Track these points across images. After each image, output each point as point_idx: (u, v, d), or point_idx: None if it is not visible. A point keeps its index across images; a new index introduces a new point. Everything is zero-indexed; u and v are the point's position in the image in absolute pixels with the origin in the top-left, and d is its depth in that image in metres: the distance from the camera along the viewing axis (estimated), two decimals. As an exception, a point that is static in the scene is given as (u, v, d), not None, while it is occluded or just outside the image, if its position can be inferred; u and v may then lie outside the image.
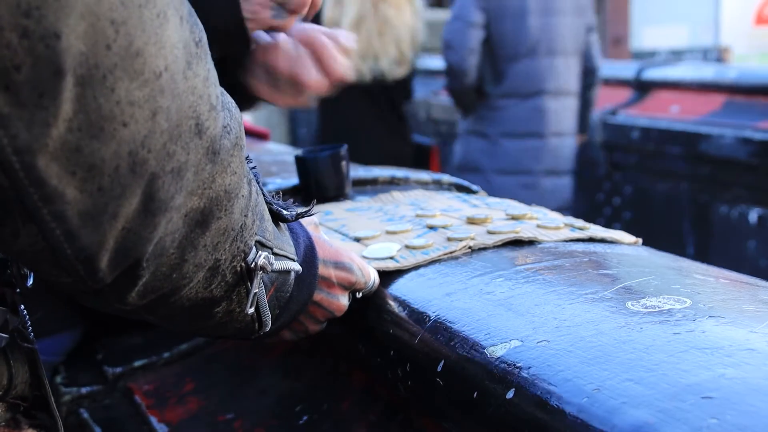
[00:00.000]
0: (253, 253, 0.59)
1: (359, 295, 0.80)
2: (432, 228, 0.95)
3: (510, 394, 0.59)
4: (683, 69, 4.12)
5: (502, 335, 0.65)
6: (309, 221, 0.76)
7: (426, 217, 0.99)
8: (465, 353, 0.66)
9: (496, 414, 0.60)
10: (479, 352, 0.65)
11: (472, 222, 0.96)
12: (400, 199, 1.13)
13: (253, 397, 0.94)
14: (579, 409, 0.53)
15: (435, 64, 4.50)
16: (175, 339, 1.10)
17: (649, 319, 0.62)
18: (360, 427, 0.80)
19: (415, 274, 0.83)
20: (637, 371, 0.54)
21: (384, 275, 0.83)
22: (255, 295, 0.61)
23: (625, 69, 4.38)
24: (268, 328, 0.66)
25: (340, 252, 0.76)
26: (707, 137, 3.45)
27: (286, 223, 0.69)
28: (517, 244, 0.89)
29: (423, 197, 1.14)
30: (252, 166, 0.64)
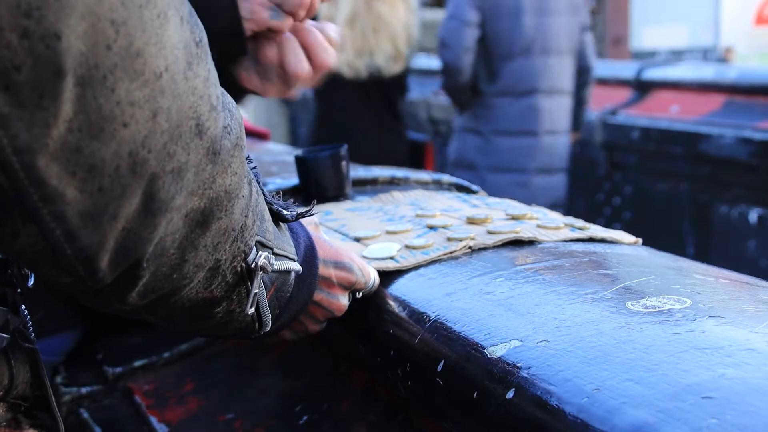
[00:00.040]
0: (253, 253, 0.59)
1: (359, 295, 0.80)
2: (432, 228, 0.95)
3: (510, 394, 0.59)
4: (683, 69, 4.13)
5: (502, 335, 0.65)
6: (309, 221, 0.76)
7: (426, 217, 0.99)
8: (465, 353, 0.66)
9: (496, 414, 0.60)
10: (479, 352, 0.65)
11: (472, 222, 0.96)
12: (400, 199, 1.13)
13: (253, 397, 0.94)
14: (579, 409, 0.53)
15: (435, 64, 4.49)
16: (175, 339, 1.10)
17: (649, 319, 0.62)
18: (360, 427, 0.80)
19: (415, 274, 0.83)
20: (637, 371, 0.54)
21: (384, 275, 0.83)
22: (255, 296, 0.61)
23: (625, 69, 4.38)
24: (269, 328, 0.66)
25: (341, 252, 0.76)
26: (707, 137, 3.45)
27: (286, 223, 0.69)
28: (517, 244, 0.89)
29: (423, 197, 1.14)
30: (252, 166, 0.64)
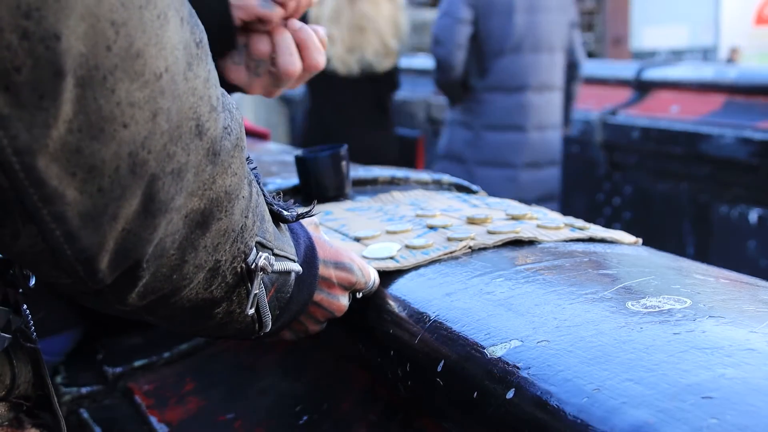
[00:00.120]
0: (253, 254, 0.59)
1: (359, 295, 0.80)
2: (432, 228, 0.95)
3: (510, 394, 0.59)
4: (683, 69, 4.12)
5: (502, 335, 0.65)
6: (309, 221, 0.76)
7: (426, 217, 0.99)
8: (465, 353, 0.66)
9: (496, 414, 0.60)
10: (479, 352, 0.65)
11: (472, 222, 0.96)
12: (400, 199, 1.13)
13: (253, 397, 0.94)
14: (579, 409, 0.53)
15: (433, 63, 4.50)
16: (175, 339, 1.10)
17: (649, 319, 0.62)
18: (360, 427, 0.80)
19: (415, 274, 0.83)
20: (637, 371, 0.54)
21: (384, 275, 0.83)
22: (255, 296, 0.61)
23: (625, 69, 4.38)
24: (269, 328, 0.66)
25: (341, 252, 0.76)
26: (707, 137, 3.45)
27: (286, 224, 0.69)
28: (517, 244, 0.89)
29: (423, 197, 1.14)
30: (252, 166, 0.64)
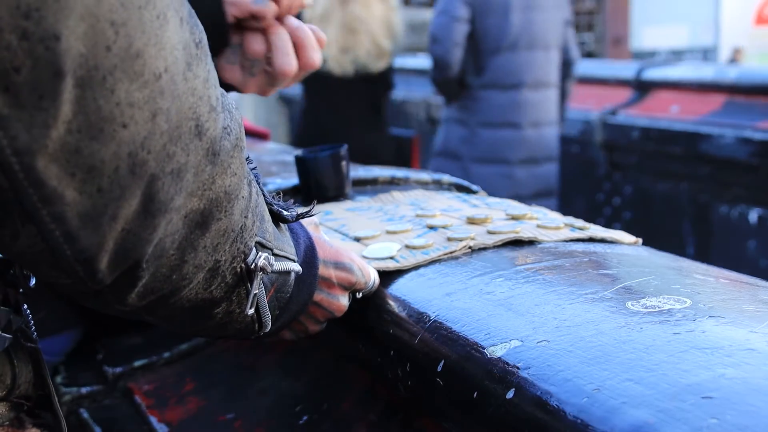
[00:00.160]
0: (253, 254, 0.59)
1: (359, 295, 0.80)
2: (432, 228, 0.95)
3: (510, 394, 0.59)
4: (683, 69, 4.13)
5: (502, 335, 0.65)
6: (309, 221, 0.75)
7: (426, 217, 0.99)
8: (465, 353, 0.66)
9: (496, 414, 0.60)
10: (479, 352, 0.65)
11: (472, 222, 0.96)
12: (400, 199, 1.13)
13: (253, 397, 0.94)
14: (579, 409, 0.53)
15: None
16: (175, 339, 1.10)
17: (649, 319, 0.62)
18: (360, 427, 0.80)
19: (415, 274, 0.83)
20: (637, 371, 0.54)
21: (384, 275, 0.83)
22: (255, 296, 0.61)
23: (625, 69, 4.38)
24: (268, 328, 0.66)
25: (341, 252, 0.76)
26: (707, 137, 3.46)
27: (286, 224, 0.69)
28: (517, 244, 0.89)
29: (423, 197, 1.14)
30: (252, 166, 0.64)
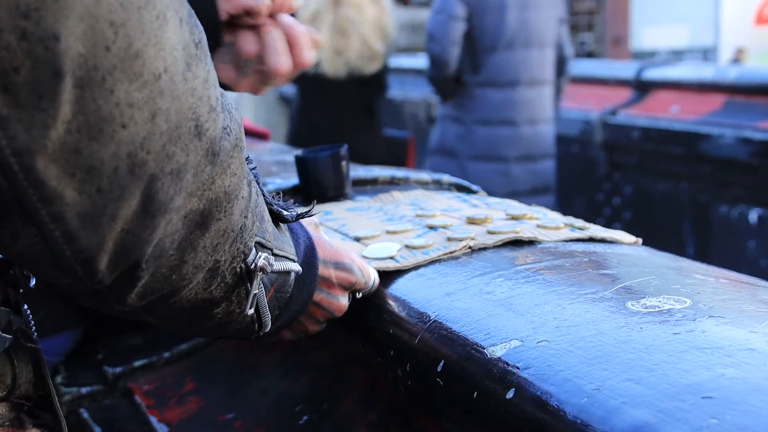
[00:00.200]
0: (252, 254, 0.59)
1: (359, 295, 0.80)
2: (432, 228, 0.95)
3: (510, 394, 0.59)
4: (683, 69, 4.12)
5: (502, 335, 0.65)
6: (309, 221, 0.75)
7: (426, 217, 0.99)
8: (465, 353, 0.66)
9: (496, 414, 0.60)
10: (479, 352, 0.65)
11: (472, 222, 0.96)
12: (400, 199, 1.13)
13: (253, 397, 0.94)
14: (579, 409, 0.53)
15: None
16: (175, 339, 1.10)
17: (649, 319, 0.62)
18: (360, 427, 0.80)
19: (415, 274, 0.83)
20: (637, 371, 0.54)
21: (384, 275, 0.83)
22: (255, 296, 0.61)
23: (625, 69, 4.38)
24: (268, 328, 0.66)
25: (341, 252, 0.76)
26: (707, 137, 3.46)
27: (286, 224, 0.69)
28: (517, 244, 0.89)
29: (423, 197, 1.14)
30: (252, 166, 0.64)
